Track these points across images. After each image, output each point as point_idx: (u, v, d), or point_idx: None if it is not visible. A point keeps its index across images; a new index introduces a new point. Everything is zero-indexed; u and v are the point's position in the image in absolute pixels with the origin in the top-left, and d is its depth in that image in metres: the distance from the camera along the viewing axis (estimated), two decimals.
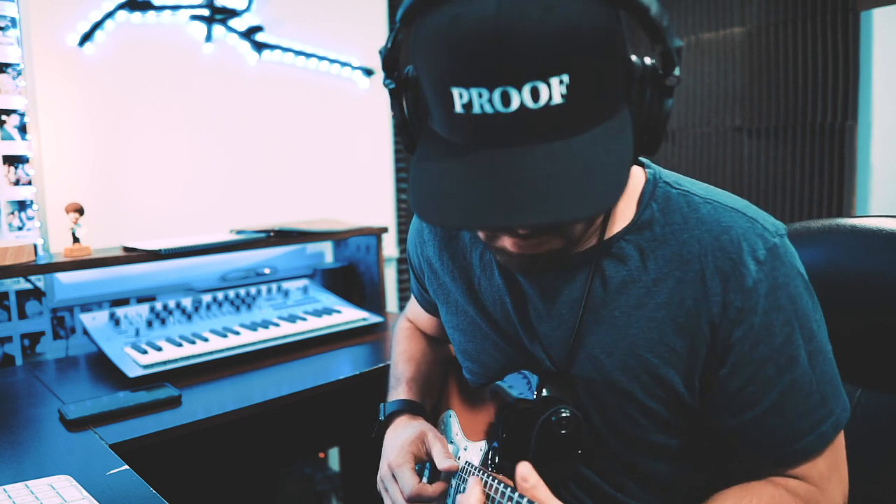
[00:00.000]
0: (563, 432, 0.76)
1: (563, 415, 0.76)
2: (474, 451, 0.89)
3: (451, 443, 0.95)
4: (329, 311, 1.82)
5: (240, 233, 1.87)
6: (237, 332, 1.63)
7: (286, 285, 1.92)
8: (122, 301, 1.82)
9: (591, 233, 0.77)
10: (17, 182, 1.64)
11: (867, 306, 0.90)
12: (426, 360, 1.10)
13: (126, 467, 0.98)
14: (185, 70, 1.95)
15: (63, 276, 1.73)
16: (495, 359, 0.90)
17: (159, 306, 1.69)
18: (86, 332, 1.61)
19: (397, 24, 0.63)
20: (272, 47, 2.09)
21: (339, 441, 2.04)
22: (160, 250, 1.61)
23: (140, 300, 1.83)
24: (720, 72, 1.94)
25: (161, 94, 1.90)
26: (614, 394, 0.79)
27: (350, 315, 1.81)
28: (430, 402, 1.06)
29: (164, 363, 1.45)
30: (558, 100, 0.57)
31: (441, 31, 0.58)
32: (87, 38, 1.75)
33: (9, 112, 1.62)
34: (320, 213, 2.24)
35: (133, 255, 1.61)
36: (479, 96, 0.58)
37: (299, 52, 2.15)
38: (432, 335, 1.16)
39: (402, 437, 0.90)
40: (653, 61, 0.64)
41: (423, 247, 0.97)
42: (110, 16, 1.78)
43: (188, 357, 1.48)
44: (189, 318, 1.71)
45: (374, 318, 1.81)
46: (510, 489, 0.73)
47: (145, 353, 1.48)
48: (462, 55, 0.57)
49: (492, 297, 0.88)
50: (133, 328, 1.61)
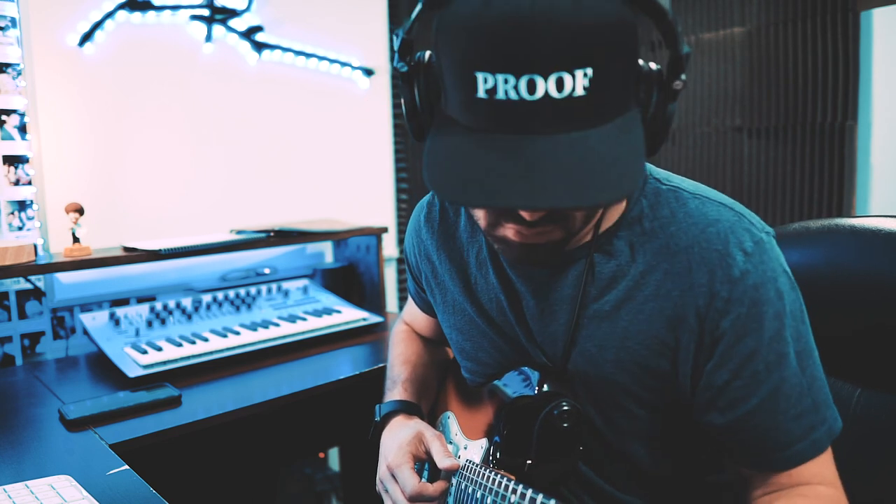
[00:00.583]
0: (565, 425, 0.77)
1: (565, 408, 0.77)
2: (475, 450, 0.89)
3: (450, 443, 0.94)
4: (329, 311, 1.82)
5: (240, 233, 1.87)
6: (237, 332, 1.63)
7: (286, 285, 1.92)
8: (122, 301, 1.82)
9: (587, 229, 0.77)
10: (17, 182, 1.64)
11: (867, 306, 0.90)
12: (422, 363, 1.10)
13: (126, 467, 0.98)
14: (185, 70, 1.95)
15: (63, 276, 1.73)
16: (493, 357, 0.91)
17: (159, 306, 1.69)
18: (86, 332, 1.61)
19: (421, 5, 0.63)
20: (272, 47, 2.09)
21: (339, 441, 2.04)
22: (160, 250, 1.61)
23: (140, 300, 1.83)
24: (720, 72, 1.94)
25: (161, 94, 1.90)
26: (608, 387, 0.79)
27: (350, 315, 1.81)
28: (427, 403, 1.06)
29: (164, 363, 1.45)
30: (580, 92, 0.58)
31: (472, 15, 0.58)
32: (87, 38, 1.75)
33: (9, 112, 1.62)
34: (320, 213, 2.24)
35: (133, 255, 1.61)
36: (505, 82, 0.58)
37: (299, 52, 2.15)
38: (429, 337, 1.16)
39: (399, 438, 0.90)
40: (658, 66, 0.65)
41: (422, 246, 0.98)
42: (110, 16, 1.78)
43: (188, 357, 1.48)
44: (189, 318, 1.71)
45: (374, 318, 1.81)
46: (513, 482, 0.73)
47: (145, 353, 1.48)
48: (493, 40, 0.57)
49: (487, 296, 0.89)
50: (133, 328, 1.61)
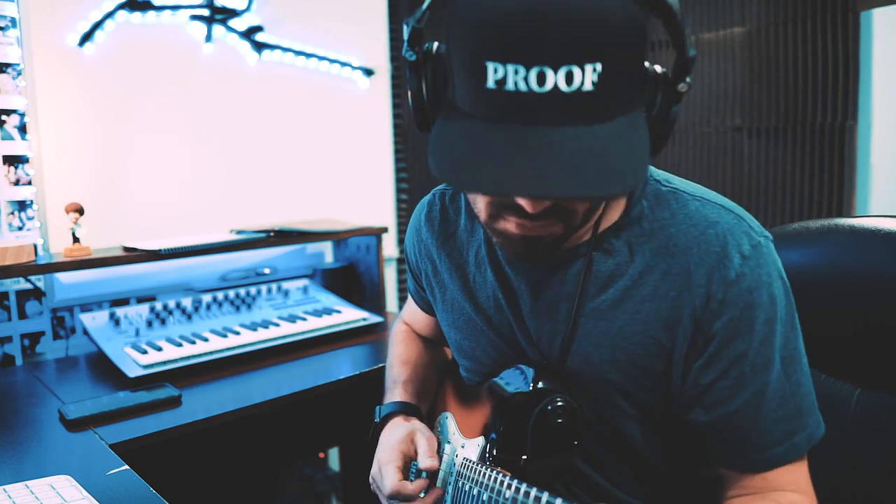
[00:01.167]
0: (560, 421, 0.77)
1: (559, 404, 0.77)
2: (471, 448, 0.89)
3: (447, 443, 0.95)
4: (329, 311, 1.82)
5: (240, 233, 1.87)
6: (237, 332, 1.63)
7: (286, 285, 1.92)
8: (122, 301, 1.82)
9: (586, 227, 0.78)
10: (17, 182, 1.64)
11: (867, 306, 0.90)
12: (422, 363, 1.10)
13: (126, 467, 0.98)
14: (185, 70, 1.95)
15: (63, 276, 1.73)
16: (490, 355, 0.91)
17: (159, 306, 1.69)
18: (86, 332, 1.61)
19: None
20: (272, 47, 2.09)
21: (339, 441, 2.04)
22: (160, 250, 1.61)
23: (140, 300, 1.83)
24: (720, 72, 1.94)
25: (161, 94, 1.90)
26: (603, 385, 0.79)
27: (350, 315, 1.81)
28: (426, 404, 1.06)
29: (164, 363, 1.45)
30: (589, 87, 0.58)
31: (486, 5, 0.59)
32: (87, 38, 1.75)
33: (9, 112, 1.62)
34: (320, 213, 2.24)
35: (133, 255, 1.61)
36: (515, 73, 0.58)
37: (299, 52, 2.15)
38: (429, 336, 1.17)
39: (393, 437, 0.92)
40: (664, 69, 0.65)
41: (422, 245, 0.98)
42: (110, 16, 1.78)
43: (188, 357, 1.48)
44: (189, 318, 1.71)
45: (374, 318, 1.81)
46: (509, 477, 0.73)
47: (145, 353, 1.48)
48: (505, 30, 0.58)
49: (485, 294, 0.89)
50: (133, 328, 1.61)
